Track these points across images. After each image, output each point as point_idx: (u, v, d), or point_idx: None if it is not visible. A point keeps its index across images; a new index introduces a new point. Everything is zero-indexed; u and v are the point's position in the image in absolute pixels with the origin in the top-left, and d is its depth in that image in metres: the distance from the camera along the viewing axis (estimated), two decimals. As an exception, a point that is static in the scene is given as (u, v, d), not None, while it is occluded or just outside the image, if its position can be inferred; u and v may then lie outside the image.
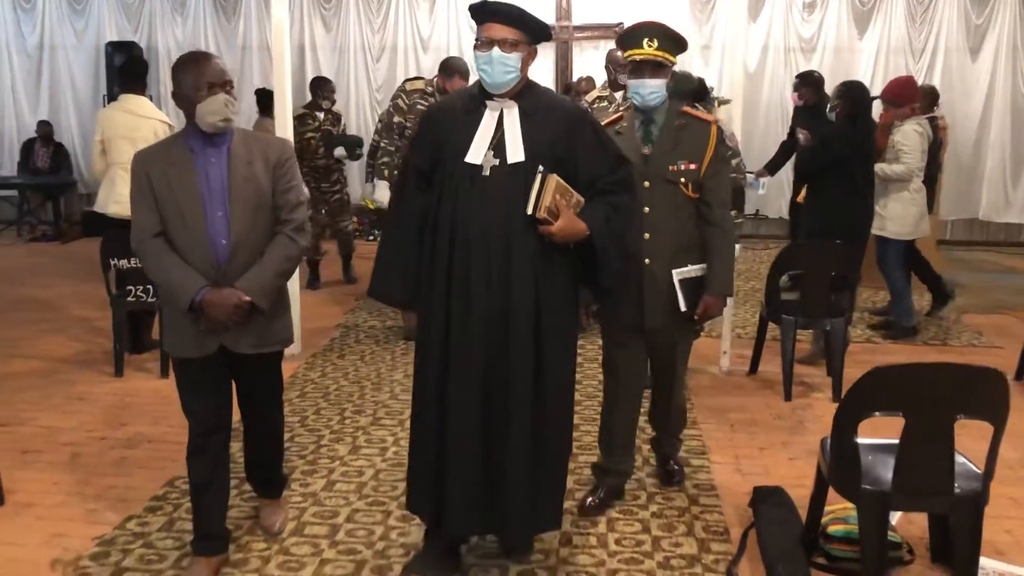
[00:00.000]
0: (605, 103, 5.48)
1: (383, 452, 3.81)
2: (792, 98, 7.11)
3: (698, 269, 3.13)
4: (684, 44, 3.16)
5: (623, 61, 3.41)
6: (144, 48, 9.74)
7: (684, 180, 3.08)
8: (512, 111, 2.60)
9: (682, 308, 3.12)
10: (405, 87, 5.87)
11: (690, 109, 3.25)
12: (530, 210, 2.50)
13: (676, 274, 3.11)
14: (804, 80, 6.75)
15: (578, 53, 9.36)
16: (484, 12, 2.58)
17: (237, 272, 2.68)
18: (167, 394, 2.83)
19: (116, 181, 5.03)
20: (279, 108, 5.07)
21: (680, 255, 3.11)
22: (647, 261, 3.08)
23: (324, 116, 6.88)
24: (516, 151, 2.56)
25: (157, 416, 4.18)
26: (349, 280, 7.20)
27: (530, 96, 2.64)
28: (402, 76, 8.77)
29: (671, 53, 3.08)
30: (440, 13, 9.54)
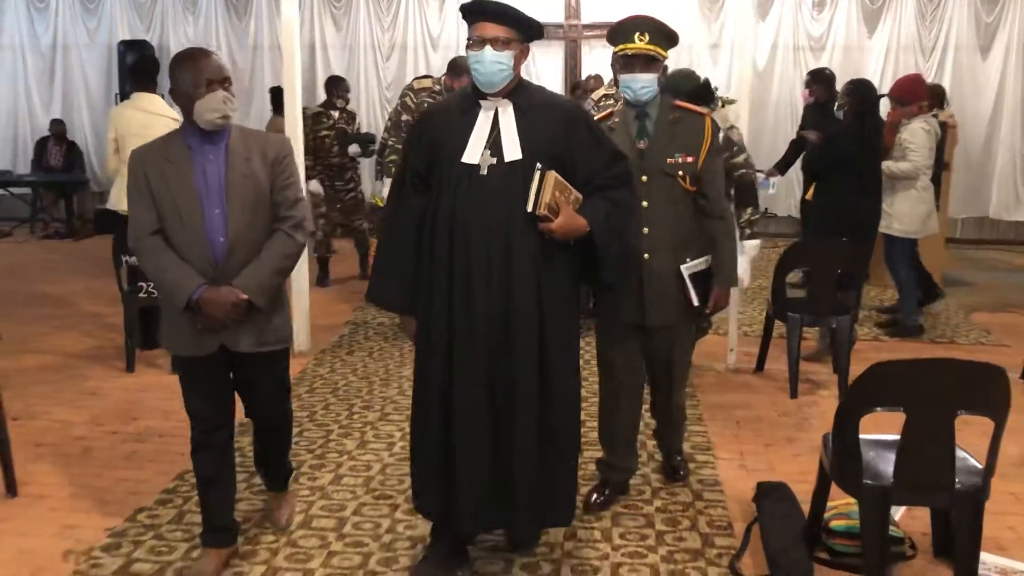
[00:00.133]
0: (612, 101, 5.49)
1: (390, 447, 3.85)
2: (803, 95, 7.10)
3: (703, 262, 3.14)
4: (675, 39, 3.12)
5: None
6: (156, 47, 9.80)
7: (682, 173, 3.07)
8: (507, 109, 2.61)
9: (695, 303, 3.12)
10: (413, 86, 5.92)
11: (683, 103, 3.23)
12: (530, 207, 2.51)
13: (685, 269, 3.11)
14: (816, 77, 6.76)
15: (587, 51, 9.38)
16: (475, 11, 2.58)
17: (235, 270, 2.66)
18: (177, 389, 2.86)
19: (128, 179, 5.07)
20: (289, 106, 5.11)
21: (679, 249, 3.10)
22: (646, 256, 3.08)
23: (339, 115, 6.97)
24: (513, 149, 2.57)
25: (167, 411, 4.23)
26: (365, 276, 7.26)
27: (524, 94, 2.65)
28: (412, 74, 8.82)
29: (663, 48, 3.05)
30: (450, 11, 9.56)
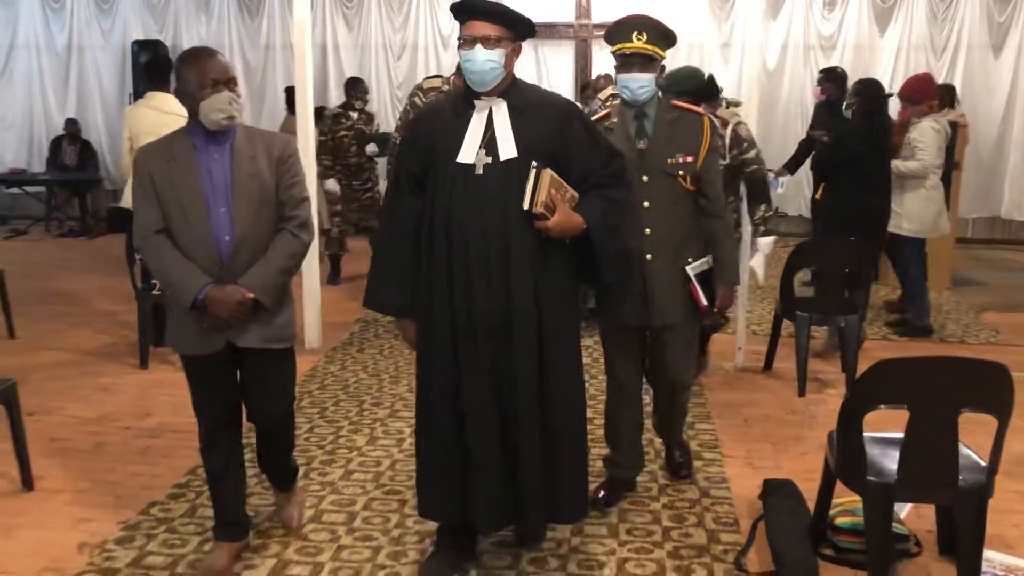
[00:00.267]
0: (618, 100, 5.50)
1: (400, 443, 3.89)
2: (815, 93, 7.09)
3: (705, 263, 3.14)
4: (673, 38, 3.10)
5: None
6: (169, 47, 9.86)
7: (682, 173, 3.07)
8: (501, 108, 2.60)
9: (703, 303, 3.12)
10: (423, 85, 5.98)
11: (680, 102, 3.23)
12: (526, 205, 2.50)
13: (690, 270, 3.11)
14: (828, 75, 6.75)
15: (597, 51, 9.38)
16: (465, 10, 2.57)
17: (240, 269, 2.66)
18: (189, 386, 2.90)
19: (142, 177, 5.13)
20: (301, 106, 5.16)
21: (681, 249, 3.11)
22: (648, 257, 3.07)
23: (358, 116, 7.09)
24: (508, 148, 2.57)
25: (180, 407, 4.26)
26: None
27: (518, 92, 2.64)
28: (423, 74, 8.87)
29: (661, 47, 3.03)
30: (460, 12, 9.60)
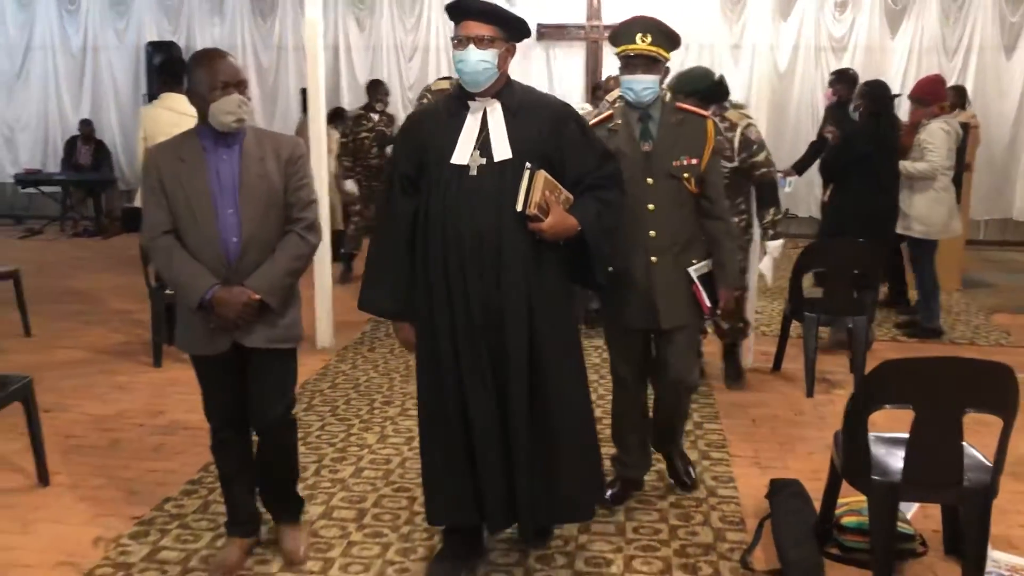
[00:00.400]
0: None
1: (410, 441, 3.92)
2: (826, 95, 7.08)
3: (706, 265, 3.15)
4: (678, 40, 3.09)
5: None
6: (183, 48, 9.93)
7: (687, 175, 3.07)
8: (495, 109, 2.61)
9: (707, 304, 3.12)
10: (431, 87, 6.04)
11: (684, 104, 3.23)
12: (520, 207, 2.50)
13: (693, 271, 3.11)
14: (840, 77, 6.76)
15: (608, 52, 9.40)
16: (459, 10, 2.58)
17: (248, 270, 2.67)
18: (203, 384, 2.93)
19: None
20: (312, 108, 5.21)
21: (685, 251, 3.10)
22: (653, 259, 3.07)
23: (378, 118, 7.24)
24: (502, 149, 2.58)
25: (193, 405, 4.26)
26: None
27: (512, 93, 2.64)
28: (434, 76, 8.91)
29: (665, 49, 3.03)
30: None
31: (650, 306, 3.09)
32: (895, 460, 2.66)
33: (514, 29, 2.61)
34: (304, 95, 7.58)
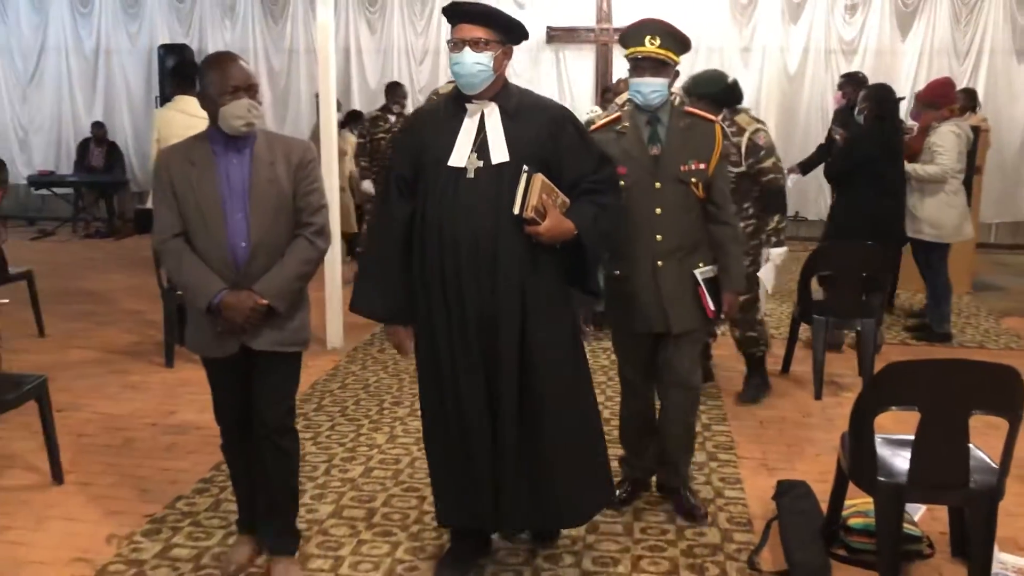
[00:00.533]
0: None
1: (419, 441, 3.92)
2: (835, 97, 7.09)
3: (711, 270, 3.13)
4: (687, 44, 3.07)
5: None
6: (195, 51, 10.00)
7: (695, 180, 3.06)
8: (493, 112, 2.62)
9: (711, 308, 3.11)
10: (439, 90, 6.05)
11: (693, 109, 3.23)
12: (517, 210, 2.50)
13: (699, 275, 3.10)
14: (850, 79, 6.76)
15: (618, 55, 9.42)
16: (455, 13, 2.59)
17: (257, 274, 2.66)
18: (215, 384, 2.96)
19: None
20: (324, 109, 5.25)
21: (691, 256, 3.09)
22: (660, 263, 3.06)
23: (395, 119, 7.31)
24: (500, 152, 2.58)
25: (204, 405, 4.31)
26: None
27: (509, 96, 2.65)
28: (445, 78, 8.94)
29: (674, 52, 3.00)
30: (482, 16, 9.67)
31: (657, 310, 3.08)
32: (901, 462, 2.67)
33: (510, 32, 2.62)
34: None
